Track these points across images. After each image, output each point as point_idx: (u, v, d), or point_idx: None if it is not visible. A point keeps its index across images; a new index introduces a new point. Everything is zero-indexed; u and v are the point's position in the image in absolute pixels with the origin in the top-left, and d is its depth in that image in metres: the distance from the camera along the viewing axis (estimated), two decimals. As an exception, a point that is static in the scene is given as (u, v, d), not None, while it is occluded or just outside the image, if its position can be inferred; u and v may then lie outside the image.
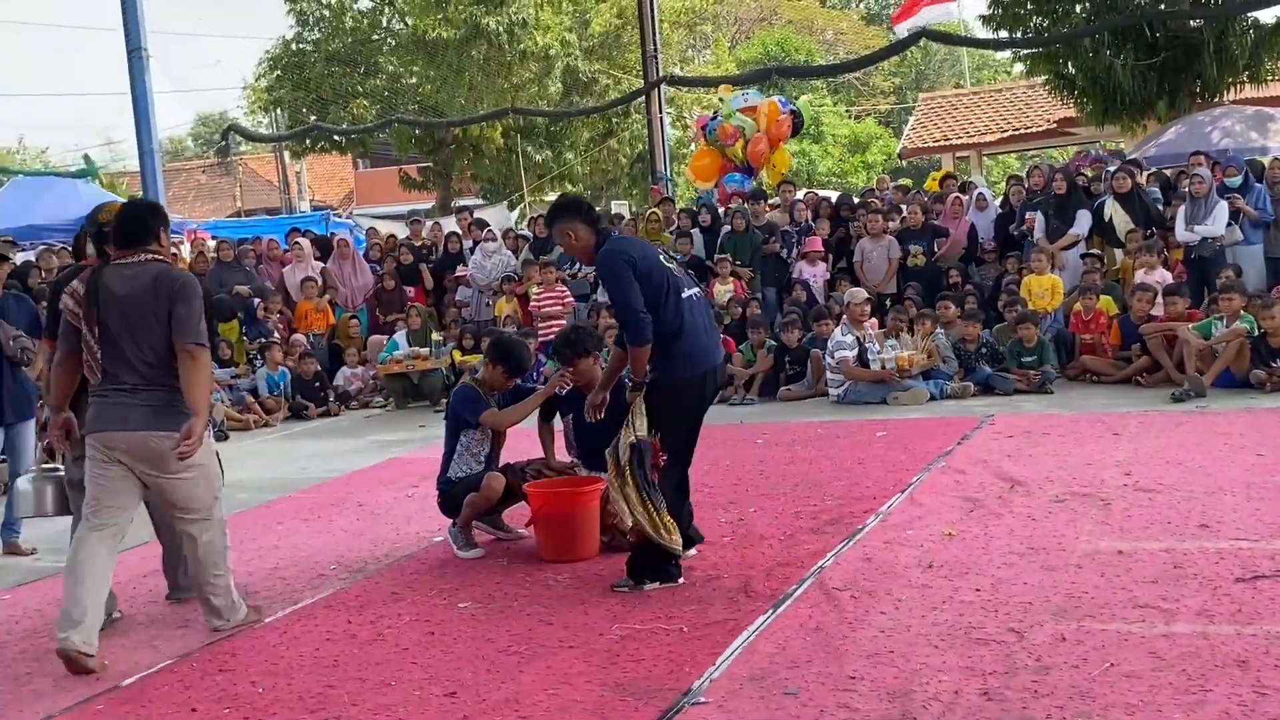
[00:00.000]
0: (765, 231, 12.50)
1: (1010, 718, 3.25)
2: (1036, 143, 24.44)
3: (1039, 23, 16.58)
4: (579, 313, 12.29)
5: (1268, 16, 15.67)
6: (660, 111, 18.25)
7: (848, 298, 10.27)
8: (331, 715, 3.70)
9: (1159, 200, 11.37)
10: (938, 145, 24.11)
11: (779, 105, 15.62)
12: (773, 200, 13.89)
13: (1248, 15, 15.37)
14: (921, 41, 18.24)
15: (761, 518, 5.86)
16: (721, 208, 13.69)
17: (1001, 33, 16.79)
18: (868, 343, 9.75)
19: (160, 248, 4.55)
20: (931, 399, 9.45)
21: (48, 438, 4.94)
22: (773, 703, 3.49)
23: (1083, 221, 11.18)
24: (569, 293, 12.52)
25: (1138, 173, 11.61)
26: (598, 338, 6.62)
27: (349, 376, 12.56)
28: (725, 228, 12.81)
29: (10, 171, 23.31)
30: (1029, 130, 23.14)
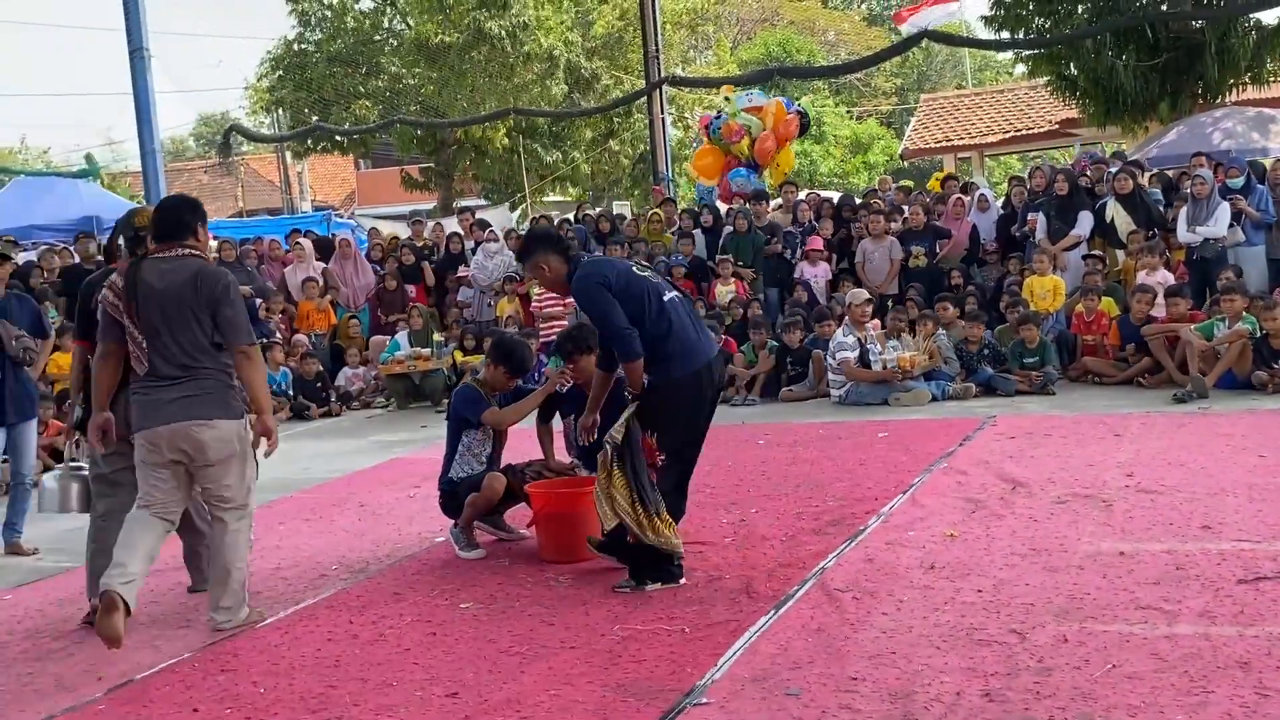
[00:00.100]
0: (767, 232, 12.50)
1: (1012, 719, 3.25)
2: (1038, 144, 24.47)
3: (1041, 24, 16.59)
4: (580, 313, 12.26)
5: (1270, 18, 15.72)
6: (662, 112, 18.25)
7: (849, 299, 10.27)
8: (333, 715, 3.70)
9: (1160, 201, 11.37)
10: (939, 146, 24.12)
11: (785, 105, 15.66)
12: (775, 201, 13.89)
13: (1250, 16, 15.39)
14: (923, 42, 18.23)
15: (763, 518, 5.86)
16: (724, 206, 13.67)
17: (1003, 34, 16.80)
18: (869, 344, 9.74)
19: (198, 243, 4.64)
20: (933, 400, 9.46)
21: (83, 437, 4.99)
22: (774, 704, 3.49)
23: (1084, 222, 11.17)
24: (570, 293, 12.49)
25: (1139, 174, 11.60)
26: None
27: (350, 377, 12.56)
28: (727, 229, 12.81)
29: (12, 171, 23.33)
30: (1031, 131, 23.15)
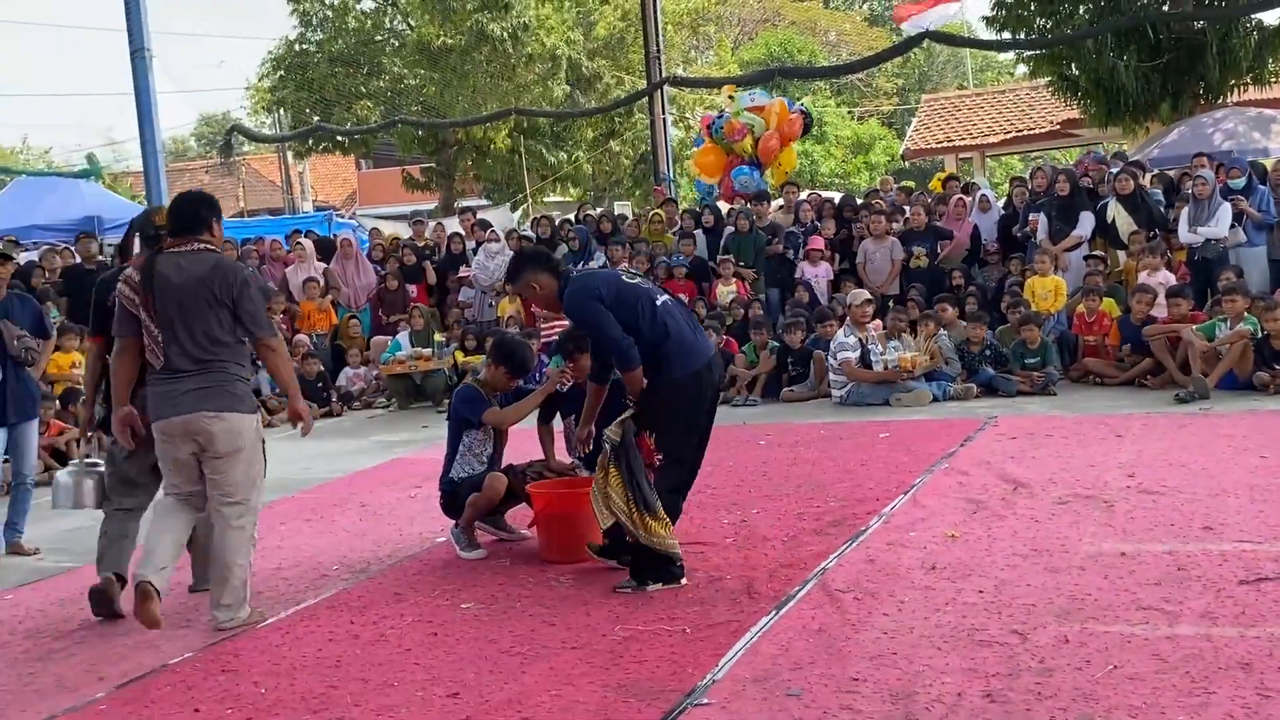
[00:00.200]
0: (769, 232, 12.49)
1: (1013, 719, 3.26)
2: (1039, 144, 24.46)
3: (1042, 24, 16.59)
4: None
5: (1271, 18, 15.72)
6: (663, 112, 18.24)
7: (850, 299, 10.27)
8: (334, 716, 3.70)
9: (1162, 202, 11.36)
10: (941, 146, 24.11)
11: (788, 105, 15.67)
12: (776, 201, 13.88)
13: (1251, 17, 15.39)
14: (925, 43, 18.25)
15: (764, 519, 5.86)
16: (726, 206, 13.66)
17: (1005, 34, 16.80)
18: (870, 344, 9.73)
19: (213, 237, 4.68)
20: (934, 400, 9.45)
21: (104, 434, 5.03)
22: (775, 704, 3.49)
23: (1086, 223, 11.17)
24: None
25: (1141, 174, 11.59)
26: None
27: (352, 377, 12.56)
28: (728, 229, 12.80)
29: (14, 171, 23.34)
30: (1032, 132, 23.13)
